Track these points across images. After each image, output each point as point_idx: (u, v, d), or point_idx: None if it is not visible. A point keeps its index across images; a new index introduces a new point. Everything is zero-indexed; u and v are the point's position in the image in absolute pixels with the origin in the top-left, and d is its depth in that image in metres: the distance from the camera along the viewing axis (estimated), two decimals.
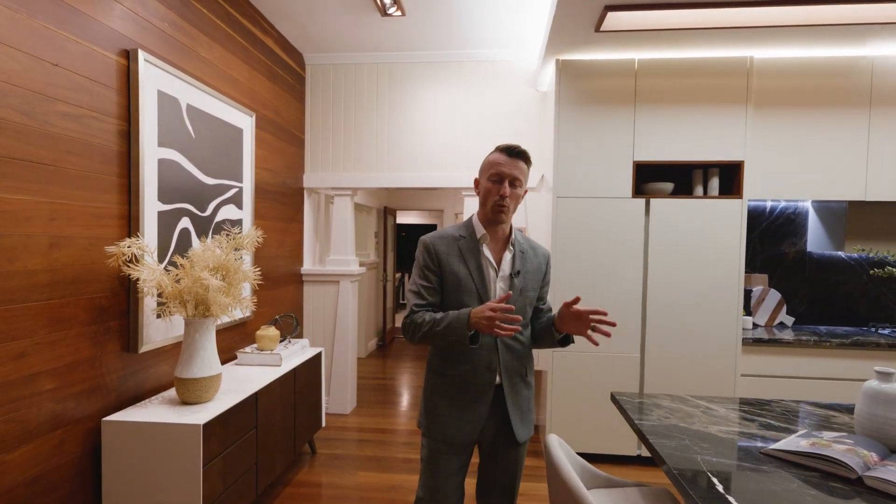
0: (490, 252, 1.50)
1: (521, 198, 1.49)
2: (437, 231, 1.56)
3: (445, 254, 1.49)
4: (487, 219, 1.49)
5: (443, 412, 1.48)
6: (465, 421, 1.46)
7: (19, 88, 1.52)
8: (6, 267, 1.48)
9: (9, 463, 1.50)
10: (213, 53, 2.55)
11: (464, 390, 1.47)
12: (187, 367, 1.93)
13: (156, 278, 1.84)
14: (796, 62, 2.80)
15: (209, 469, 1.82)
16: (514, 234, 1.53)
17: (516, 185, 1.44)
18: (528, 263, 1.53)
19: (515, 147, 1.45)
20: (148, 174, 2.02)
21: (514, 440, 1.50)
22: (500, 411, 1.50)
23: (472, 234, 1.51)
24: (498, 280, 1.48)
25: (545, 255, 1.60)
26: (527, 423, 1.53)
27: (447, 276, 1.48)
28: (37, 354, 1.59)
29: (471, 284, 1.46)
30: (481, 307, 1.31)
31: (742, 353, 2.80)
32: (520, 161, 1.45)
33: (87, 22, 1.76)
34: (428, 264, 1.50)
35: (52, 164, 1.63)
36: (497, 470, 1.55)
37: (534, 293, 1.53)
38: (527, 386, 1.54)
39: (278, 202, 3.34)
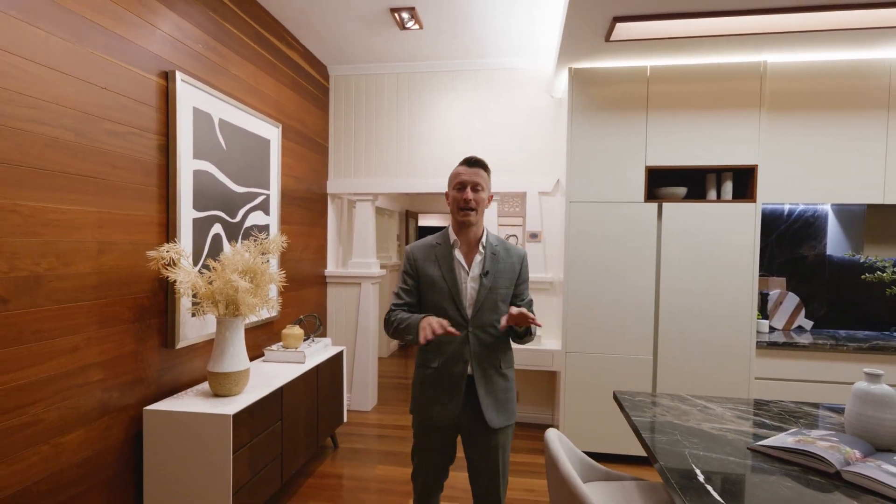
0: (462, 255, 1.69)
1: (486, 201, 1.67)
2: (420, 240, 1.78)
3: (423, 260, 1.71)
4: (458, 224, 1.68)
5: (425, 398, 1.70)
6: (442, 406, 1.66)
7: (72, 110, 1.70)
8: (62, 270, 1.67)
9: (64, 445, 1.69)
10: (243, 70, 2.73)
11: (441, 380, 1.67)
12: (219, 362, 2.10)
13: (191, 280, 2.01)
14: (811, 65, 2.80)
15: (238, 456, 1.98)
16: (487, 237, 1.71)
17: (478, 190, 1.64)
18: (500, 264, 1.68)
19: (473, 158, 1.67)
20: (184, 184, 2.20)
21: (487, 426, 1.65)
22: (474, 399, 1.66)
23: (447, 241, 1.71)
24: (468, 280, 1.67)
25: (520, 256, 1.75)
26: (503, 411, 1.67)
27: (423, 279, 1.70)
28: (87, 348, 1.77)
29: (443, 285, 1.66)
30: (430, 322, 1.50)
31: (756, 356, 2.81)
32: (478, 169, 1.66)
33: (131, 48, 1.94)
34: (407, 269, 1.74)
35: (100, 178, 1.81)
36: (477, 455, 1.69)
37: (506, 290, 1.69)
38: (502, 377, 1.69)
39: (303, 208, 3.52)
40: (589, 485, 1.52)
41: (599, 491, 1.48)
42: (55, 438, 1.65)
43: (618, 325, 2.92)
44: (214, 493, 1.92)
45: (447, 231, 1.73)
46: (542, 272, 3.65)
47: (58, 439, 1.66)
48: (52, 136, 1.63)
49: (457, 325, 1.63)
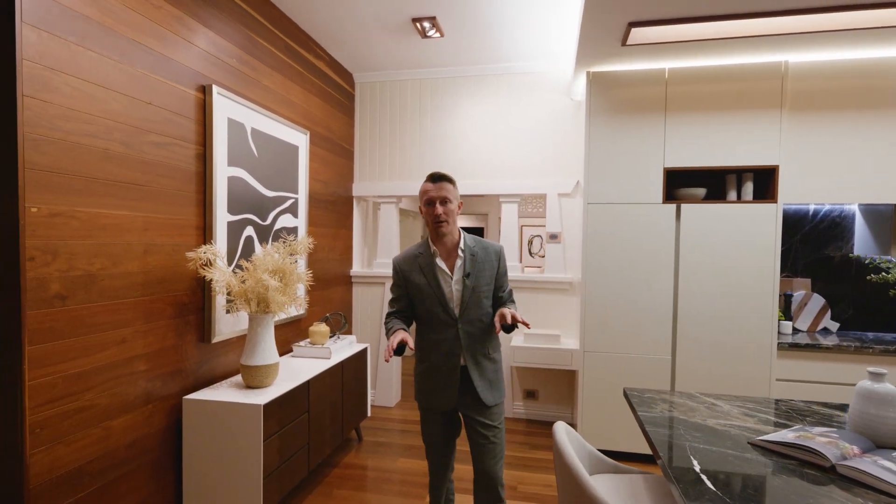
0: (443, 262, 1.85)
1: (455, 211, 1.84)
2: (403, 252, 1.97)
3: (408, 271, 1.89)
4: (434, 235, 1.85)
5: (425, 389, 1.90)
6: (441, 395, 1.86)
7: (121, 125, 1.87)
8: (112, 269, 1.84)
9: (114, 428, 1.86)
10: (274, 81, 2.89)
11: (437, 373, 1.86)
12: (251, 355, 2.25)
13: (225, 279, 2.17)
14: (835, 64, 2.77)
15: (268, 444, 2.12)
16: (464, 240, 1.87)
17: (446, 203, 1.81)
18: (479, 263, 1.86)
19: (437, 173, 1.83)
20: (219, 190, 2.36)
21: (484, 405, 1.84)
22: (470, 385, 1.85)
23: (428, 251, 1.88)
24: (453, 283, 1.85)
25: (496, 252, 1.92)
26: (495, 390, 1.88)
27: (411, 287, 1.88)
28: (134, 341, 1.94)
29: (430, 291, 1.85)
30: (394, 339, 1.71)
31: (777, 357, 2.80)
32: (444, 182, 1.82)
33: (172, 65, 2.11)
34: (396, 280, 1.94)
35: (145, 185, 1.98)
36: (476, 433, 1.87)
37: (488, 287, 1.87)
38: (491, 361, 1.89)
39: (329, 210, 3.67)
40: (596, 477, 1.59)
41: (606, 483, 1.55)
42: (105, 422, 1.83)
43: (636, 326, 2.95)
44: (246, 477, 2.06)
45: (427, 241, 1.90)
46: (562, 272, 3.69)
47: (108, 423, 1.84)
48: (105, 149, 1.80)
49: (447, 324, 1.83)
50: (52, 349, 1.62)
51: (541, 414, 3.74)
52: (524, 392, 3.79)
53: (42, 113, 1.58)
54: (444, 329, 1.84)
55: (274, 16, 2.88)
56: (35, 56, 1.55)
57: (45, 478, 1.61)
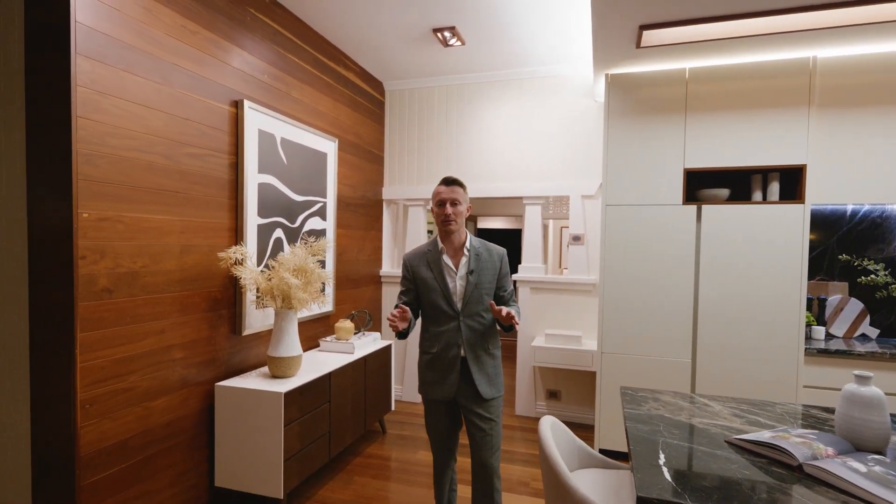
0: (449, 259, 1.99)
1: (464, 213, 1.98)
2: (414, 248, 2.12)
3: (417, 266, 2.03)
4: (443, 233, 1.99)
5: (427, 379, 2.02)
6: (442, 385, 1.97)
7: (162, 139, 2.11)
8: (153, 267, 2.07)
9: (154, 408, 2.09)
10: (303, 93, 3.10)
11: (439, 363, 1.98)
12: (276, 347, 2.44)
13: (254, 278, 2.38)
14: (866, 59, 2.64)
15: (289, 429, 2.30)
16: (469, 241, 2.01)
17: (457, 205, 1.95)
18: (482, 263, 1.99)
19: (449, 178, 1.99)
20: (250, 196, 2.58)
21: (482, 398, 1.94)
22: (469, 377, 1.95)
23: (436, 248, 2.01)
24: (457, 279, 1.98)
25: (499, 254, 2.05)
26: (493, 385, 1.98)
27: (419, 281, 2.02)
28: (172, 331, 2.17)
29: (435, 285, 1.98)
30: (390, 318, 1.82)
31: (805, 363, 2.70)
32: (454, 186, 1.97)
33: (208, 84, 2.34)
34: (405, 274, 2.07)
35: (183, 193, 2.21)
36: (474, 425, 1.96)
37: (490, 285, 1.99)
38: (491, 357, 1.99)
39: (358, 213, 3.86)
40: (582, 471, 1.64)
41: (591, 477, 1.60)
42: (146, 403, 2.06)
43: (654, 328, 2.93)
44: (269, 458, 2.26)
45: (436, 239, 2.04)
46: (585, 274, 3.70)
47: (148, 403, 2.07)
48: (148, 161, 2.04)
49: (450, 317, 1.96)
50: (101, 336, 1.86)
51: (563, 414, 3.76)
52: (546, 392, 3.82)
53: (93, 131, 1.82)
54: (447, 321, 1.96)
55: (303, 32, 3.10)
56: (88, 82, 1.80)
57: (94, 448, 1.85)
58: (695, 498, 1.05)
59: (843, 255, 3.01)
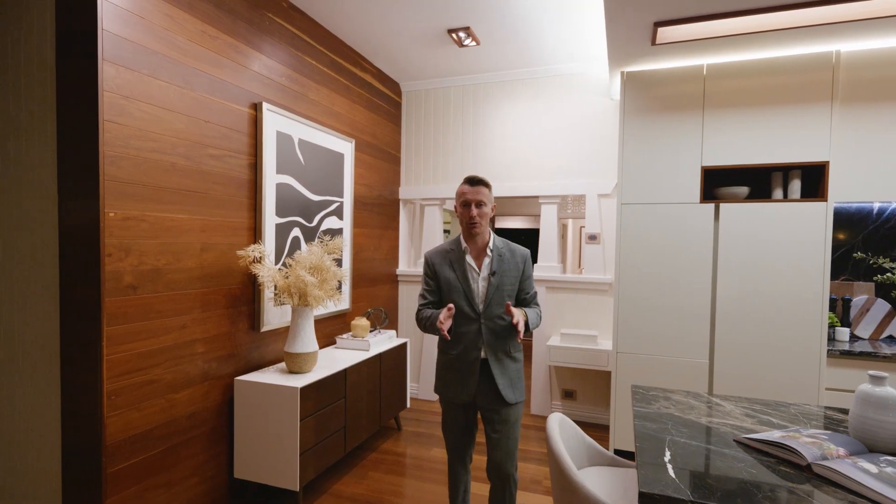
0: (472, 259, 1.96)
1: (488, 214, 1.94)
2: (436, 247, 2.07)
3: (439, 264, 1.99)
4: (467, 234, 1.95)
5: (446, 380, 1.98)
6: (461, 387, 1.93)
7: (184, 141, 2.19)
8: (175, 265, 2.15)
9: (177, 399, 2.17)
10: (320, 95, 3.16)
11: (459, 365, 1.94)
12: (292, 344, 2.50)
13: (271, 275, 2.44)
14: (894, 52, 2.56)
15: (305, 423, 2.36)
16: (493, 241, 1.97)
17: (482, 206, 1.91)
18: (505, 264, 1.95)
19: (475, 177, 1.93)
20: (268, 195, 2.65)
21: (504, 401, 1.91)
22: (490, 380, 1.91)
23: (459, 248, 1.98)
24: (479, 280, 1.94)
25: (523, 256, 2.01)
26: (516, 389, 1.94)
27: (441, 280, 1.98)
28: (193, 326, 2.25)
29: (458, 285, 1.94)
30: (439, 320, 1.78)
31: (827, 365, 2.64)
32: (479, 187, 1.91)
33: (228, 87, 2.42)
34: (427, 273, 2.03)
35: (203, 192, 2.29)
36: (493, 429, 1.94)
37: (512, 286, 1.95)
38: (513, 360, 1.95)
39: (374, 212, 3.91)
40: (590, 469, 1.65)
41: (599, 474, 1.60)
42: (169, 395, 2.14)
43: (671, 328, 2.89)
44: (286, 451, 2.32)
45: (459, 238, 2.00)
46: (601, 273, 3.68)
47: (171, 396, 2.15)
48: (170, 162, 2.12)
49: (471, 318, 1.91)
50: (126, 330, 1.94)
51: (578, 414, 3.74)
52: (562, 392, 3.81)
53: (119, 134, 1.90)
54: (468, 323, 1.91)
55: (320, 35, 3.16)
56: (113, 87, 1.88)
57: (120, 437, 1.93)
58: (697, 495, 1.05)
59: (858, 253, 2.92)
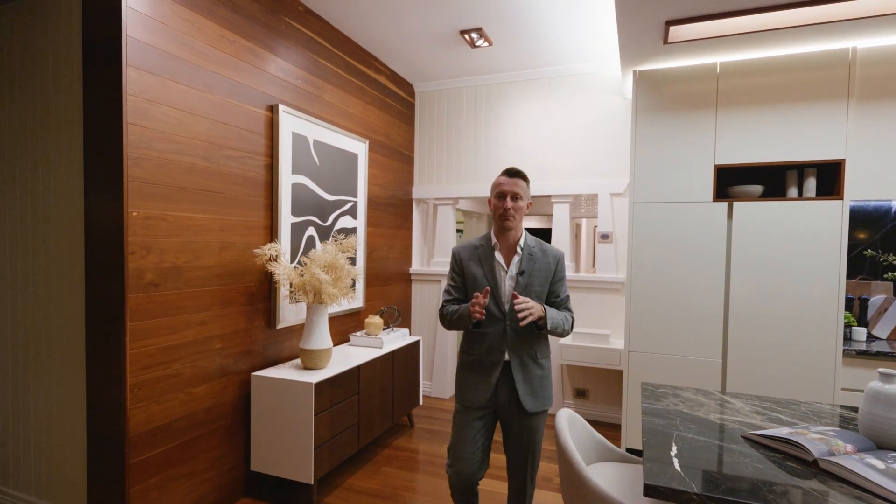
0: (502, 256, 1.87)
1: (524, 209, 1.85)
2: (464, 241, 1.98)
3: (467, 260, 1.91)
4: (498, 228, 1.87)
5: (464, 382, 1.90)
6: (479, 389, 1.84)
7: (204, 143, 2.25)
8: (195, 263, 2.22)
9: (196, 394, 2.24)
10: (334, 97, 3.22)
11: (480, 366, 1.85)
12: (307, 340, 2.56)
13: (287, 273, 2.50)
14: None
15: (319, 418, 2.41)
16: (525, 239, 1.88)
17: (517, 199, 1.82)
18: (536, 264, 1.86)
19: (513, 169, 1.85)
20: (284, 195, 2.71)
21: (524, 409, 1.81)
22: (511, 385, 1.82)
23: (489, 243, 1.90)
24: (507, 279, 1.85)
25: (556, 257, 1.91)
26: (538, 398, 1.83)
27: (468, 277, 1.90)
28: (212, 323, 2.32)
29: (485, 282, 1.85)
30: (472, 306, 1.70)
31: (843, 365, 2.61)
32: (518, 179, 1.83)
33: (245, 90, 2.48)
34: (454, 268, 1.95)
35: (222, 192, 2.35)
36: (511, 435, 1.87)
37: (541, 288, 1.85)
38: (539, 366, 1.85)
39: (388, 212, 3.96)
40: (599, 465, 1.66)
41: (607, 470, 1.62)
42: (189, 389, 2.21)
43: (684, 327, 2.88)
44: (301, 444, 2.37)
45: (489, 234, 1.92)
46: (614, 272, 3.67)
47: (190, 390, 2.22)
48: (190, 163, 2.19)
49: (496, 318, 1.81)
50: (148, 326, 2.01)
51: (591, 413, 3.74)
52: (574, 391, 3.81)
53: (142, 136, 1.97)
54: (493, 323, 1.82)
55: (335, 37, 3.21)
56: (137, 91, 1.95)
57: (142, 429, 2.00)
58: (702, 488, 1.06)
59: (869, 251, 2.88)
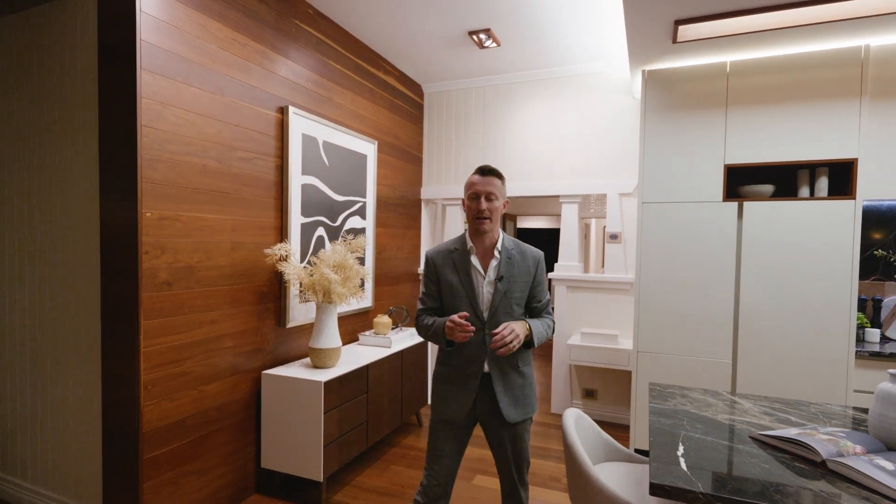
0: (478, 261, 1.75)
1: (500, 209, 1.74)
2: (437, 245, 1.86)
3: (441, 265, 1.79)
4: (474, 231, 1.75)
5: (441, 395, 1.79)
6: (456, 402, 1.74)
7: (215, 144, 2.29)
8: (207, 262, 2.26)
9: (207, 391, 2.28)
10: (344, 98, 3.25)
11: (457, 377, 1.75)
12: (317, 339, 2.59)
13: (297, 273, 2.53)
14: None
15: (329, 416, 2.43)
16: (502, 241, 1.77)
17: (493, 199, 1.71)
18: (515, 268, 1.74)
19: (486, 167, 1.74)
20: (294, 196, 2.74)
21: (505, 420, 1.71)
22: (492, 396, 1.73)
23: (464, 247, 1.78)
24: (485, 285, 1.73)
25: (535, 259, 1.79)
26: (521, 407, 1.74)
27: (443, 284, 1.78)
28: (223, 322, 2.35)
29: (461, 290, 1.74)
30: (446, 319, 1.63)
31: (856, 367, 2.58)
32: (491, 178, 1.72)
33: (256, 92, 2.52)
34: (428, 275, 1.83)
35: (233, 193, 2.39)
36: (496, 446, 1.78)
37: (521, 294, 1.75)
38: (520, 375, 1.75)
39: (397, 212, 3.98)
40: (606, 464, 1.67)
41: (614, 469, 1.62)
42: (200, 386, 2.25)
43: (693, 327, 2.87)
44: (310, 442, 2.40)
45: (464, 236, 1.80)
46: (623, 273, 3.66)
47: (202, 387, 2.26)
48: (202, 165, 2.22)
49: (475, 327, 1.66)
50: (161, 324, 2.05)
51: (599, 414, 3.73)
52: (583, 391, 3.80)
53: (155, 138, 2.01)
54: None
55: (345, 40, 3.24)
56: (150, 94, 1.99)
57: (155, 425, 2.04)
58: (708, 487, 1.07)
59: (879, 251, 2.83)
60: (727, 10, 2.31)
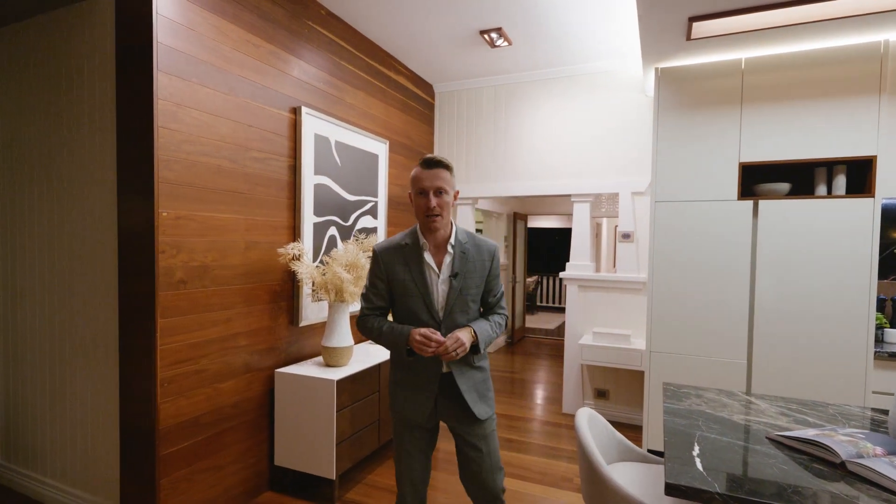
0: (431, 257, 1.65)
1: (451, 203, 1.63)
2: (387, 239, 1.73)
3: (391, 262, 1.66)
4: (424, 228, 1.64)
5: (399, 396, 1.71)
6: (415, 403, 1.67)
7: (229, 144, 2.31)
8: (221, 261, 2.28)
9: (222, 389, 2.30)
10: (356, 98, 3.26)
11: (415, 380, 1.68)
12: (329, 338, 2.61)
13: (309, 272, 2.55)
14: None
15: (341, 414, 2.45)
16: (456, 235, 1.67)
17: (442, 194, 1.59)
18: (470, 263, 1.65)
19: (432, 158, 1.60)
20: (306, 196, 2.76)
21: (474, 417, 1.65)
22: (455, 395, 1.66)
23: (416, 242, 1.66)
24: (439, 283, 1.64)
25: (490, 251, 1.70)
26: (486, 401, 1.69)
27: (394, 283, 1.66)
28: (237, 320, 2.38)
29: (414, 289, 1.63)
30: (416, 332, 1.55)
31: (875, 367, 2.53)
32: (439, 170, 1.59)
33: (269, 93, 2.54)
34: (376, 272, 1.69)
35: (247, 193, 2.41)
36: (471, 448, 1.69)
37: (477, 290, 1.68)
38: (479, 370, 1.69)
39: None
40: (620, 464, 1.66)
41: (628, 470, 1.61)
42: (215, 384, 2.27)
43: (707, 327, 2.84)
44: (323, 440, 2.41)
45: (416, 230, 1.68)
46: (635, 272, 3.64)
47: (217, 385, 2.28)
48: (216, 165, 2.25)
49: (429, 327, 1.61)
50: (177, 322, 2.08)
51: (612, 414, 3.71)
52: (595, 391, 3.78)
53: (171, 139, 2.04)
54: None
55: (356, 40, 3.26)
56: (166, 95, 2.02)
57: (171, 422, 2.07)
58: (724, 487, 1.06)
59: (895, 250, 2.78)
60: (742, 7, 2.28)
